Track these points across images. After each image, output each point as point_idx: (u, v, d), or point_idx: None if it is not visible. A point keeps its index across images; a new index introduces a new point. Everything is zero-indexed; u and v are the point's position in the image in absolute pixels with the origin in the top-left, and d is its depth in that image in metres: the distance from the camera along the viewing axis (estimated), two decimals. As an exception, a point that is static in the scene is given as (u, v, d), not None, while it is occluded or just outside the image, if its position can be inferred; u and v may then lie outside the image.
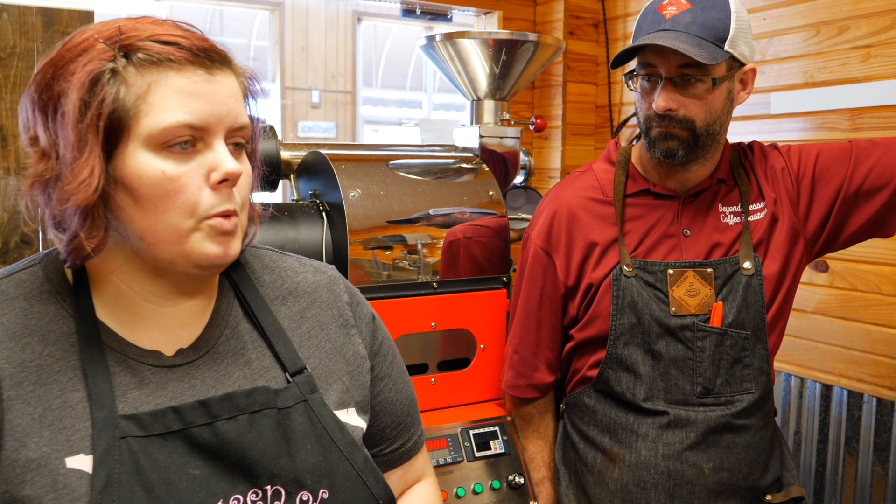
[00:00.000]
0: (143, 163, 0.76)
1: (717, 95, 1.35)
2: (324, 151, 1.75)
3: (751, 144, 1.53)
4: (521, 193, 2.20)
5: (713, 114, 1.35)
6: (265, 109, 0.91)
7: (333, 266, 1.03)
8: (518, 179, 2.17)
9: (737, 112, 1.43)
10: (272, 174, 1.79)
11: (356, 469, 0.87)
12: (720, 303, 1.39)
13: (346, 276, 1.61)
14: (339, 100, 9.13)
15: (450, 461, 1.60)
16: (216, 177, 0.79)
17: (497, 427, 1.69)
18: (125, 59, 0.76)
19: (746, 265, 1.41)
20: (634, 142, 1.53)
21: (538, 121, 2.06)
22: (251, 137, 0.86)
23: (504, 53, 1.92)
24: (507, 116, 2.04)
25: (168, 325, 0.85)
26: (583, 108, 2.81)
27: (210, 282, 0.90)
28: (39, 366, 0.78)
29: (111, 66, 0.76)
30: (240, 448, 0.82)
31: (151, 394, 0.82)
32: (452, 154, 1.94)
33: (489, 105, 2.03)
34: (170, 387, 0.83)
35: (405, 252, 1.69)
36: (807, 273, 2.07)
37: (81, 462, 0.76)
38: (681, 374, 1.40)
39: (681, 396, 1.40)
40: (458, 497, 1.58)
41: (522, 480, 1.62)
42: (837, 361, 2.05)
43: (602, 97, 2.80)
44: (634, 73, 1.39)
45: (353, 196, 1.64)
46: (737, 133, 1.45)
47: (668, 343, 1.40)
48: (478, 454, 1.64)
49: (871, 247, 1.93)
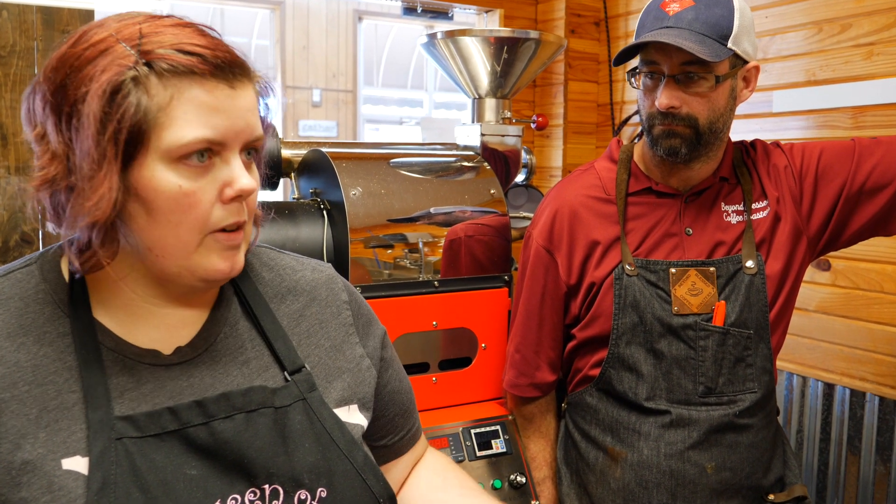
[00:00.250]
0: (160, 176, 0.75)
1: (721, 93, 1.34)
2: (325, 150, 1.74)
3: (753, 142, 1.52)
4: (523, 192, 2.20)
5: (716, 111, 1.35)
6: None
7: (330, 265, 1.03)
8: (519, 178, 2.16)
9: (739, 110, 1.42)
10: (273, 173, 1.79)
11: (356, 467, 0.87)
12: (723, 302, 1.39)
13: (347, 275, 1.61)
14: (340, 99, 9.12)
15: (451, 460, 1.60)
16: (230, 193, 0.78)
17: (498, 426, 1.68)
18: (147, 67, 0.73)
19: (749, 264, 1.40)
20: (636, 140, 1.53)
21: (539, 119, 2.05)
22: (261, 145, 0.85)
23: (505, 51, 1.91)
24: (509, 114, 2.04)
25: (167, 325, 0.85)
26: (584, 107, 2.81)
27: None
28: (35, 366, 0.78)
29: (132, 74, 0.73)
30: (237, 447, 0.81)
31: (149, 393, 0.81)
32: (454, 152, 1.93)
33: (490, 103, 2.02)
34: (167, 386, 0.82)
35: (406, 251, 1.69)
36: (809, 272, 2.07)
37: (77, 464, 0.75)
38: (683, 374, 1.39)
39: (683, 396, 1.39)
40: (460, 496, 1.57)
41: (524, 480, 1.61)
42: (840, 360, 2.05)
43: (603, 95, 2.80)
44: (637, 71, 1.38)
45: (354, 194, 1.64)
46: (739, 131, 1.45)
47: (671, 342, 1.39)
48: (479, 453, 1.63)
49: (874, 245, 1.92)
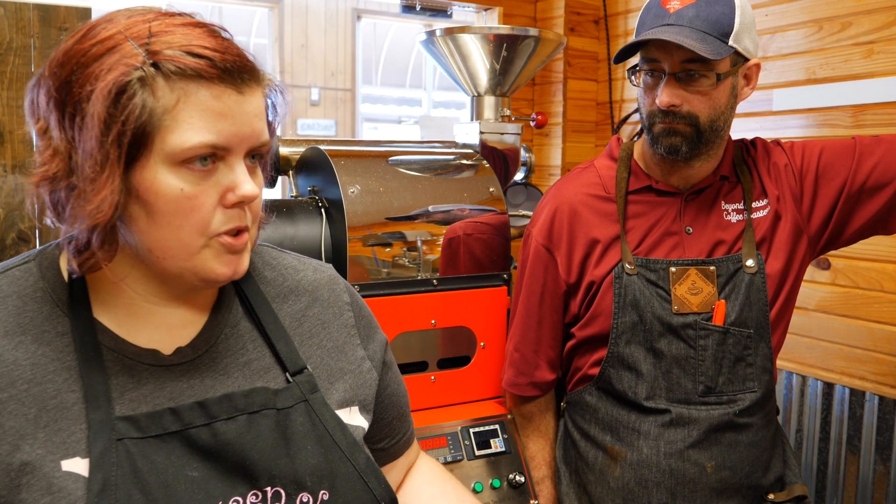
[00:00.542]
0: (162, 179, 0.74)
1: (721, 91, 1.33)
2: (323, 147, 1.73)
3: (753, 141, 1.52)
4: (522, 190, 2.19)
5: (717, 109, 1.34)
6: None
7: (331, 265, 1.03)
8: (518, 176, 2.15)
9: (738, 109, 1.41)
10: (272, 171, 1.78)
11: (357, 470, 0.86)
12: (723, 301, 1.38)
13: (346, 274, 1.60)
14: (339, 97, 9.12)
15: (450, 460, 1.59)
16: (232, 199, 0.77)
17: (497, 425, 1.67)
18: (154, 68, 0.72)
19: (749, 263, 1.40)
20: (636, 138, 1.52)
21: (539, 117, 2.05)
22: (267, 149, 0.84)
23: (505, 49, 1.90)
24: (508, 112, 2.03)
25: (167, 324, 0.84)
26: (583, 105, 2.80)
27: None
28: (34, 365, 0.77)
29: (139, 75, 0.72)
30: (239, 449, 0.80)
31: (149, 394, 0.80)
32: (452, 150, 1.93)
33: (490, 101, 2.02)
34: (168, 386, 0.81)
35: (405, 249, 1.68)
36: (809, 270, 2.06)
37: (77, 465, 0.75)
38: (683, 373, 1.38)
39: (683, 395, 1.39)
40: (459, 496, 1.56)
41: (523, 479, 1.60)
42: (839, 359, 2.04)
43: (603, 94, 2.79)
44: (637, 69, 1.38)
45: (353, 192, 1.63)
46: (738, 130, 1.44)
47: (670, 341, 1.38)
48: (478, 453, 1.62)
49: (874, 244, 1.92)
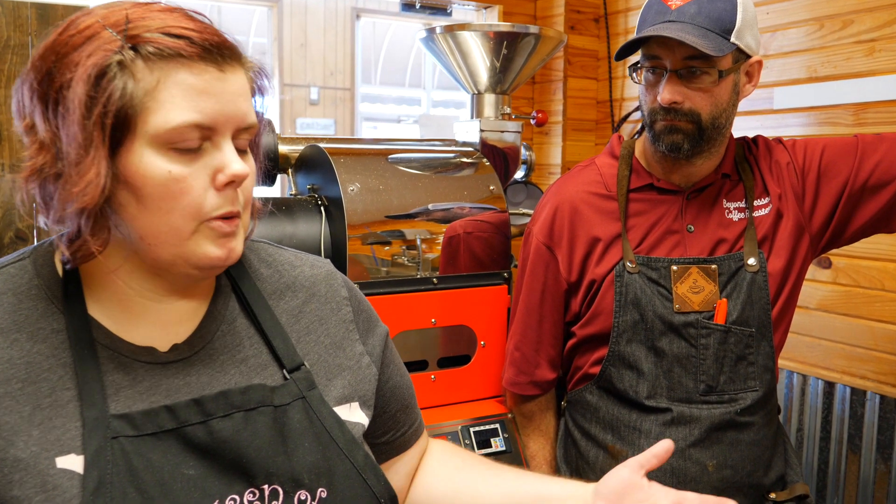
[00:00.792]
0: (149, 162, 0.74)
1: (723, 88, 1.33)
2: (322, 145, 1.72)
3: (755, 139, 1.51)
4: (522, 189, 2.18)
5: (719, 107, 1.33)
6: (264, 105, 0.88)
7: (328, 260, 1.02)
8: (519, 174, 2.15)
9: (739, 107, 1.41)
10: (271, 169, 1.78)
11: (356, 467, 0.85)
12: (724, 300, 1.38)
13: (345, 272, 1.59)
14: (338, 97, 9.11)
15: (450, 459, 1.58)
16: (223, 179, 0.77)
17: (498, 424, 1.67)
18: (133, 52, 0.72)
19: (751, 262, 1.39)
20: (636, 136, 1.51)
21: (539, 115, 2.04)
22: (257, 131, 0.84)
23: (505, 46, 1.90)
24: (508, 110, 2.02)
25: (163, 321, 0.83)
26: (583, 104, 2.79)
27: (206, 281, 0.88)
28: (28, 363, 0.76)
29: (118, 59, 0.72)
30: (235, 447, 0.79)
31: (145, 391, 0.79)
32: (452, 148, 1.92)
33: (490, 99, 2.01)
34: (164, 384, 0.81)
35: (404, 247, 1.67)
36: (810, 269, 2.05)
37: (72, 462, 0.74)
38: (684, 372, 1.38)
39: (684, 394, 1.38)
40: (459, 495, 1.56)
41: (523, 479, 1.60)
42: (840, 358, 2.04)
43: (603, 92, 2.78)
44: (639, 66, 1.37)
45: (352, 190, 1.62)
46: (739, 128, 1.44)
47: (672, 340, 1.38)
48: (478, 452, 1.62)
49: (875, 243, 1.91)
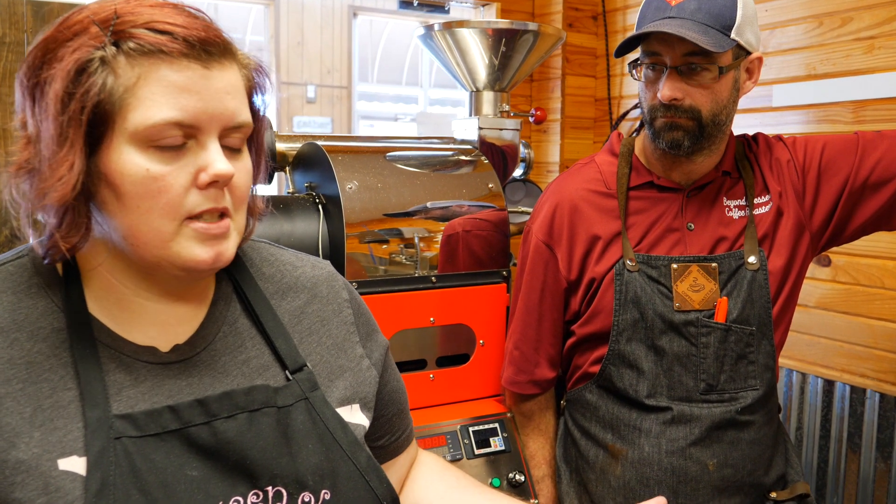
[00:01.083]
0: (127, 159, 0.73)
1: (724, 84, 1.32)
2: (320, 143, 1.72)
3: (755, 136, 1.50)
4: (521, 187, 2.18)
5: (719, 103, 1.33)
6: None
7: (329, 262, 1.01)
8: (517, 172, 2.14)
9: (738, 104, 1.40)
10: (272, 162, 1.77)
11: (359, 469, 0.85)
12: (724, 298, 1.37)
13: (343, 271, 1.59)
14: (335, 95, 9.08)
15: (449, 459, 1.58)
16: (205, 178, 0.75)
17: (497, 424, 1.66)
18: (115, 48, 0.72)
19: (751, 260, 1.38)
20: (635, 134, 1.51)
21: (538, 112, 2.03)
22: (257, 130, 0.82)
23: (504, 44, 1.89)
24: (507, 108, 2.02)
25: (162, 321, 0.82)
26: (582, 102, 2.79)
27: (206, 282, 0.87)
28: (29, 363, 0.75)
29: (100, 55, 0.71)
30: (239, 448, 0.79)
31: (147, 392, 0.78)
32: (451, 146, 1.91)
33: (488, 96, 2.00)
34: (166, 385, 0.80)
35: (402, 246, 1.66)
36: (809, 267, 2.05)
37: (75, 464, 0.73)
38: (684, 371, 1.37)
39: (684, 393, 1.38)
40: (458, 495, 1.55)
41: (523, 478, 1.59)
42: (840, 357, 2.03)
43: (601, 90, 2.78)
44: (638, 62, 1.36)
45: (350, 188, 1.61)
46: (738, 126, 1.43)
47: (672, 339, 1.37)
48: (477, 451, 1.61)
49: (875, 241, 1.91)
